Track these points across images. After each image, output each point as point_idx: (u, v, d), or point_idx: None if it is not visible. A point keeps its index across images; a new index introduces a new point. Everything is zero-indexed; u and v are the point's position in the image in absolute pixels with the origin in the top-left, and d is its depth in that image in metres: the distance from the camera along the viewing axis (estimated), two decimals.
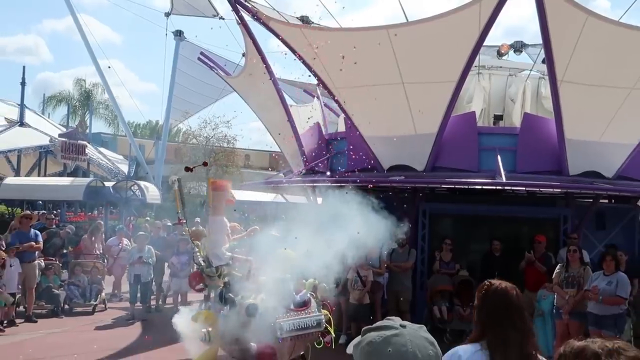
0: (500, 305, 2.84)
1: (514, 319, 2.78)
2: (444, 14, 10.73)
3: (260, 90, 14.18)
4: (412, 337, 1.50)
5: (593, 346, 1.49)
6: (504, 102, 14.44)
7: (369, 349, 1.50)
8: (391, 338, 1.49)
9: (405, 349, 1.47)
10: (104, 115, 44.19)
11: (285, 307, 6.44)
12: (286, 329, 6.26)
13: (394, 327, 1.54)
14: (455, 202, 12.74)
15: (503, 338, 2.71)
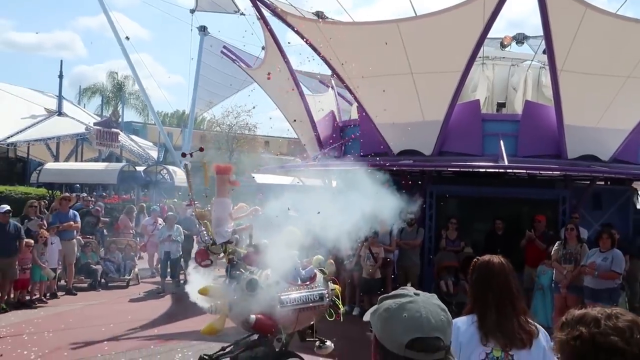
0: (485, 275, 2.85)
1: (496, 287, 2.78)
2: (450, 8, 10.65)
3: (279, 80, 14.18)
4: (425, 304, 1.53)
5: (593, 312, 1.52)
6: (506, 91, 14.31)
7: (385, 315, 1.53)
8: (406, 305, 1.52)
9: (419, 314, 1.49)
10: (135, 105, 44.42)
11: (288, 282, 6.35)
12: (286, 302, 6.15)
13: (409, 295, 1.57)
14: (460, 184, 12.70)
15: (486, 305, 2.73)
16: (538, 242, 10.56)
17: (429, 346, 1.46)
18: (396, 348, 1.48)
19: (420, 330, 1.47)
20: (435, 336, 1.48)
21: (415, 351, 1.46)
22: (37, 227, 11.43)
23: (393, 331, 1.50)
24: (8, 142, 26.77)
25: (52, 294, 11.45)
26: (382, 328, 1.54)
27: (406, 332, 1.47)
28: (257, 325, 6.18)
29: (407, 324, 1.48)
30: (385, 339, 1.52)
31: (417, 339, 1.46)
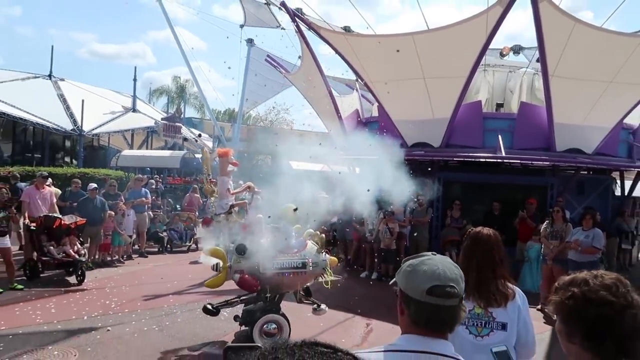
0: (472, 243, 2.78)
1: (480, 253, 2.71)
2: (457, 23, 10.46)
3: (313, 83, 14.13)
4: (441, 260, 1.57)
5: (581, 275, 1.51)
6: (504, 93, 14.03)
7: (409, 269, 1.56)
8: (426, 260, 1.56)
9: (436, 267, 1.52)
10: (194, 103, 44.73)
11: (276, 250, 6.27)
12: (267, 266, 6.15)
13: (427, 255, 1.61)
14: (464, 171, 12.52)
15: (470, 269, 2.66)
16: (529, 221, 10.40)
17: (445, 292, 1.49)
18: (418, 295, 1.51)
19: (438, 280, 1.50)
20: (449, 284, 1.51)
21: (434, 296, 1.49)
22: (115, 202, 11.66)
23: (415, 281, 1.53)
24: (93, 133, 27.30)
25: (128, 256, 11.71)
26: (405, 280, 1.57)
27: (426, 281, 1.51)
28: (240, 283, 6.18)
29: (427, 275, 1.52)
30: (408, 288, 1.55)
31: (435, 286, 1.49)
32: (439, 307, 1.50)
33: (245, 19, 26.11)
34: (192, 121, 42.82)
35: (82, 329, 6.53)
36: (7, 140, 29.58)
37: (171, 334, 6.56)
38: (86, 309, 7.44)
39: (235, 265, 6.19)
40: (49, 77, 29.82)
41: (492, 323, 2.59)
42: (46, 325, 6.63)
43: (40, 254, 9.17)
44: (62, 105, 27.48)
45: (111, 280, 9.51)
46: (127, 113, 30.36)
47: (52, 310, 7.32)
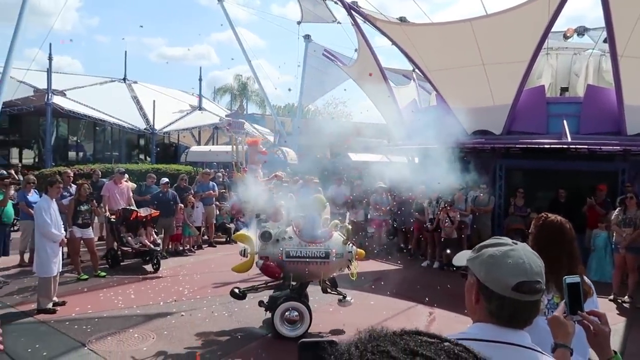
0: (556, 233, 2.55)
1: (563, 245, 2.51)
2: (517, 6, 10.00)
3: (370, 76, 13.96)
4: (525, 252, 1.44)
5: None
6: (569, 77, 13.22)
7: (491, 260, 1.43)
8: (509, 252, 1.43)
9: (522, 261, 1.41)
10: (256, 100, 45.56)
11: (301, 239, 6.20)
12: (291, 254, 6.10)
13: (508, 244, 1.47)
14: (526, 158, 11.94)
15: (555, 260, 2.45)
16: (598, 207, 9.79)
17: (532, 289, 1.39)
18: (502, 289, 1.40)
19: (525, 275, 1.39)
20: (536, 280, 1.40)
21: (521, 293, 1.38)
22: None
23: (498, 274, 1.41)
24: (164, 131, 28.42)
25: (198, 246, 12.07)
26: (487, 272, 1.43)
27: (512, 276, 1.39)
28: (263, 269, 6.16)
29: (513, 269, 1.40)
30: (490, 281, 1.42)
31: (522, 282, 1.38)
32: (524, 303, 1.40)
33: (302, 16, 26.21)
34: (254, 117, 43.64)
35: (159, 314, 6.81)
36: (89, 140, 31.46)
37: (239, 320, 6.71)
38: (162, 295, 7.77)
39: (260, 251, 6.22)
40: (124, 80, 31.31)
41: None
42: (127, 310, 6.97)
43: (120, 244, 9.66)
44: (136, 106, 28.79)
45: (183, 268, 9.85)
46: (194, 111, 31.36)
47: (131, 296, 7.69)
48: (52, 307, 6.81)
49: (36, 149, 29.96)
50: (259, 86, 33.45)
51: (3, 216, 8.10)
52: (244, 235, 6.52)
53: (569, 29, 14.52)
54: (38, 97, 24.06)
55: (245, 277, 9.01)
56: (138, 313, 6.84)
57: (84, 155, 30.62)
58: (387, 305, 7.51)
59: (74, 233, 8.52)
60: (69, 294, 7.56)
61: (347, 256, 6.26)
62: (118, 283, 8.45)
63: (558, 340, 1.67)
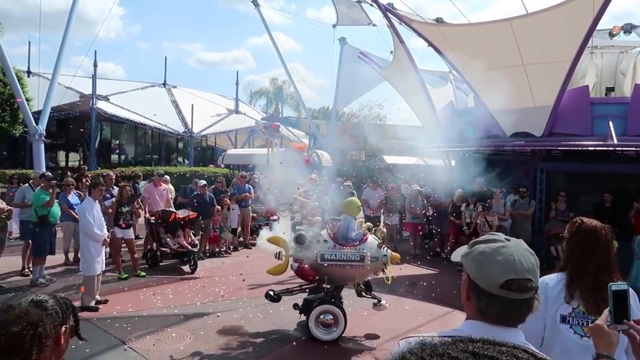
0: (588, 242, 2.41)
1: (594, 252, 2.37)
2: (560, 4, 9.67)
3: (406, 77, 13.81)
4: (517, 248, 1.40)
5: None
6: (615, 76, 12.70)
7: (481, 257, 1.40)
8: (500, 249, 1.39)
9: (512, 258, 1.36)
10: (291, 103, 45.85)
11: (335, 242, 6.15)
12: (325, 257, 6.05)
13: (500, 240, 1.43)
14: (568, 161, 11.53)
15: (585, 270, 2.33)
16: None
17: (521, 286, 1.35)
18: (491, 287, 1.36)
19: (514, 272, 1.35)
20: (527, 277, 1.35)
21: (510, 290, 1.34)
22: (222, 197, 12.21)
23: (489, 272, 1.37)
24: (201, 135, 29.00)
25: (234, 248, 12.18)
26: (477, 269, 1.40)
27: (501, 274, 1.35)
28: (298, 272, 6.14)
29: (502, 266, 1.36)
30: (480, 279, 1.39)
31: (511, 280, 1.34)
32: (514, 301, 1.35)
33: (338, 19, 26.24)
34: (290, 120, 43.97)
35: (196, 314, 6.92)
36: (130, 144, 32.42)
37: (274, 322, 6.74)
38: (199, 295, 7.89)
39: (295, 254, 6.22)
40: (164, 85, 32.14)
41: None
42: (165, 309, 7.12)
43: (159, 244, 9.88)
44: (175, 110, 29.52)
45: (220, 269, 9.97)
46: (230, 115, 31.89)
47: (169, 295, 7.85)
48: (94, 305, 7.02)
49: (81, 152, 31.09)
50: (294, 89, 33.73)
51: (49, 216, 8.42)
52: (278, 237, 6.56)
53: (615, 26, 13.96)
54: (83, 102, 25.02)
55: (280, 280, 9.06)
56: (176, 313, 6.97)
57: (125, 158, 31.59)
58: (423, 311, 7.39)
59: (115, 233, 8.77)
60: (110, 293, 7.78)
61: (382, 260, 6.19)
62: (157, 283, 8.64)
63: (600, 351, 1.59)
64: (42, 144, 14.62)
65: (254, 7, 26.45)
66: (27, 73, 26.70)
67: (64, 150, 31.70)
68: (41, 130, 14.43)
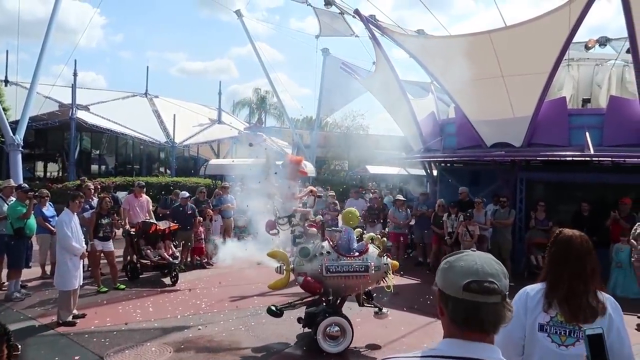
0: (562, 251, 2.44)
1: (572, 265, 2.39)
2: (537, 18, 9.89)
3: (388, 88, 13.94)
4: (480, 256, 1.45)
5: None
6: (591, 88, 13.01)
7: (446, 266, 1.46)
8: (463, 257, 1.45)
9: (474, 263, 1.41)
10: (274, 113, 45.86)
11: (338, 253, 6.18)
12: (330, 269, 6.06)
13: (466, 251, 1.49)
14: (547, 171, 11.73)
15: (559, 279, 2.37)
16: (622, 222, 9.52)
17: (483, 288, 1.36)
18: (455, 292, 1.39)
19: (476, 275, 1.37)
20: (488, 280, 1.37)
21: (472, 292, 1.36)
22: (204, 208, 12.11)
23: (452, 278, 1.41)
24: (184, 144, 28.76)
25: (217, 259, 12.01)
26: (443, 277, 1.45)
27: (463, 277, 1.38)
28: (304, 286, 6.12)
29: (464, 270, 1.39)
30: (446, 286, 1.43)
31: (472, 282, 1.36)
32: (478, 304, 1.36)
33: (321, 30, 26.41)
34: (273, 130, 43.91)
35: (176, 327, 6.82)
36: (111, 154, 32.01)
37: (257, 334, 6.66)
38: (179, 308, 7.78)
39: (298, 267, 6.19)
40: (145, 94, 31.86)
41: (578, 332, 2.29)
42: (145, 323, 6.99)
43: (139, 256, 9.73)
44: (157, 120, 29.25)
45: (201, 281, 9.84)
46: (213, 125, 31.68)
47: (149, 309, 7.72)
48: (72, 320, 6.87)
49: (60, 162, 30.59)
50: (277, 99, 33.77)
51: (26, 228, 8.24)
52: (279, 252, 6.57)
53: (591, 39, 14.33)
54: (63, 112, 24.65)
55: (263, 291, 8.99)
56: (156, 326, 6.85)
57: (106, 168, 31.17)
58: (405, 321, 7.39)
59: (94, 246, 8.62)
60: (89, 307, 7.62)
61: (384, 268, 6.32)
62: (137, 296, 8.49)
63: None
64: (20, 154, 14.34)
65: (237, 17, 26.52)
66: (4, 82, 26.27)
67: (42, 160, 31.15)
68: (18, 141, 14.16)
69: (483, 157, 11.54)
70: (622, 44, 13.39)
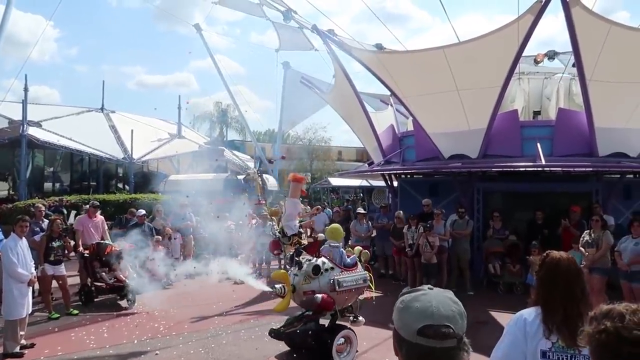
0: (552, 274, 2.47)
1: (557, 285, 2.42)
2: (488, 34, 10.19)
3: (347, 102, 14.07)
4: (437, 296, 1.39)
5: (619, 307, 1.35)
6: (541, 100, 13.55)
7: (401, 306, 1.40)
8: (419, 296, 1.39)
9: (430, 304, 1.35)
10: (235, 127, 45.58)
11: (340, 268, 6.42)
12: (343, 284, 6.28)
13: (423, 289, 1.43)
14: (503, 181, 12.07)
15: (552, 303, 2.38)
16: (572, 229, 9.88)
17: (438, 333, 1.31)
18: (409, 335, 1.34)
19: (431, 318, 1.32)
20: (444, 324, 1.32)
21: (426, 337, 1.31)
22: (160, 225, 11.83)
23: (407, 320, 1.36)
24: (142, 160, 28.09)
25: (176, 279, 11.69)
26: (398, 318, 1.39)
27: (417, 320, 1.33)
28: (323, 303, 6.13)
29: (419, 313, 1.34)
30: (401, 327, 1.37)
31: (426, 326, 1.31)
32: (433, 349, 1.31)
33: (280, 44, 26.50)
34: (234, 143, 43.55)
35: (132, 353, 6.57)
36: (65, 171, 30.90)
37: (216, 357, 6.49)
38: (136, 332, 7.51)
39: (306, 286, 6.22)
40: (101, 110, 31.02)
41: (578, 357, 2.32)
42: (99, 350, 6.71)
43: (93, 279, 9.38)
44: (114, 135, 28.48)
45: (160, 303, 9.52)
46: (173, 139, 31.12)
47: (104, 334, 7.42)
48: (19, 351, 6.52)
49: (10, 180, 29.29)
50: (238, 113, 33.55)
51: None
52: (281, 273, 6.64)
53: (539, 54, 14.92)
54: (13, 128, 23.70)
55: (224, 309, 8.82)
56: (110, 353, 6.58)
57: (60, 186, 30.02)
58: (369, 335, 7.35)
59: (45, 270, 8.24)
60: (38, 335, 7.27)
61: (367, 279, 6.71)
62: (91, 321, 8.16)
63: None
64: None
65: (196, 31, 26.27)
66: None
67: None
68: None
69: (441, 168, 11.76)
70: (569, 57, 14.01)
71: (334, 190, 29.78)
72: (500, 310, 8.54)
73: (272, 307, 8.88)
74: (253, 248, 13.70)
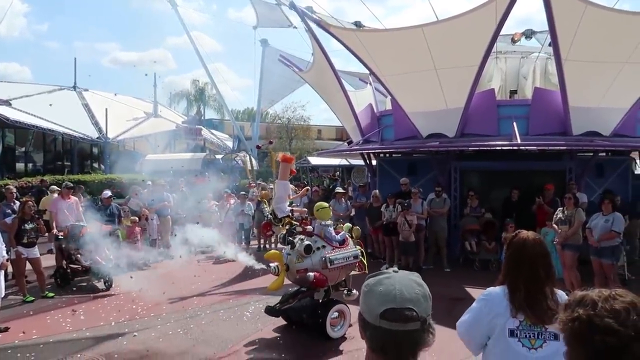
0: (517, 254, 2.49)
1: (521, 266, 2.45)
2: (467, 12, 10.16)
3: (326, 80, 13.96)
4: (401, 279, 1.38)
5: (592, 294, 1.34)
6: (517, 80, 13.63)
7: (365, 289, 1.40)
8: (383, 280, 1.38)
9: (393, 287, 1.34)
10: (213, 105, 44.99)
11: (331, 245, 6.56)
12: (334, 261, 6.46)
13: (388, 272, 1.43)
14: (480, 160, 12.21)
15: (517, 283, 2.42)
16: (546, 207, 10.11)
17: (400, 316, 1.30)
18: (373, 319, 1.33)
19: (393, 302, 1.31)
20: (407, 307, 1.31)
21: (388, 321, 1.31)
22: (137, 206, 11.68)
23: (370, 303, 1.35)
24: (118, 140, 27.59)
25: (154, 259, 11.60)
26: (362, 302, 1.39)
27: (380, 304, 1.32)
28: (316, 281, 6.26)
29: (382, 296, 1.33)
30: (364, 311, 1.37)
31: (389, 309, 1.31)
32: (395, 332, 1.31)
33: (258, 21, 26.07)
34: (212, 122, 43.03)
35: (110, 335, 6.53)
36: (38, 151, 30.15)
37: (195, 337, 6.50)
38: (113, 314, 7.46)
39: (298, 265, 6.38)
40: (74, 88, 30.23)
41: (544, 334, 2.36)
42: (75, 333, 6.65)
43: (69, 261, 9.24)
44: (87, 114, 27.89)
45: (138, 284, 9.45)
46: (149, 118, 30.63)
47: (81, 317, 7.36)
48: None
49: None
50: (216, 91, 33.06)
51: None
52: (275, 253, 6.70)
53: (516, 33, 14.98)
54: None
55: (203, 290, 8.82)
56: (87, 336, 6.53)
57: (33, 166, 29.33)
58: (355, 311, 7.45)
59: (18, 253, 8.09)
60: (12, 319, 7.16)
61: (359, 255, 6.88)
62: (67, 304, 8.07)
63: None
64: None
65: (172, 7, 25.62)
66: None
67: None
68: None
69: (418, 147, 11.82)
70: (546, 36, 14.09)
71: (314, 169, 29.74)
72: (476, 286, 8.72)
73: (253, 286, 9.04)
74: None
